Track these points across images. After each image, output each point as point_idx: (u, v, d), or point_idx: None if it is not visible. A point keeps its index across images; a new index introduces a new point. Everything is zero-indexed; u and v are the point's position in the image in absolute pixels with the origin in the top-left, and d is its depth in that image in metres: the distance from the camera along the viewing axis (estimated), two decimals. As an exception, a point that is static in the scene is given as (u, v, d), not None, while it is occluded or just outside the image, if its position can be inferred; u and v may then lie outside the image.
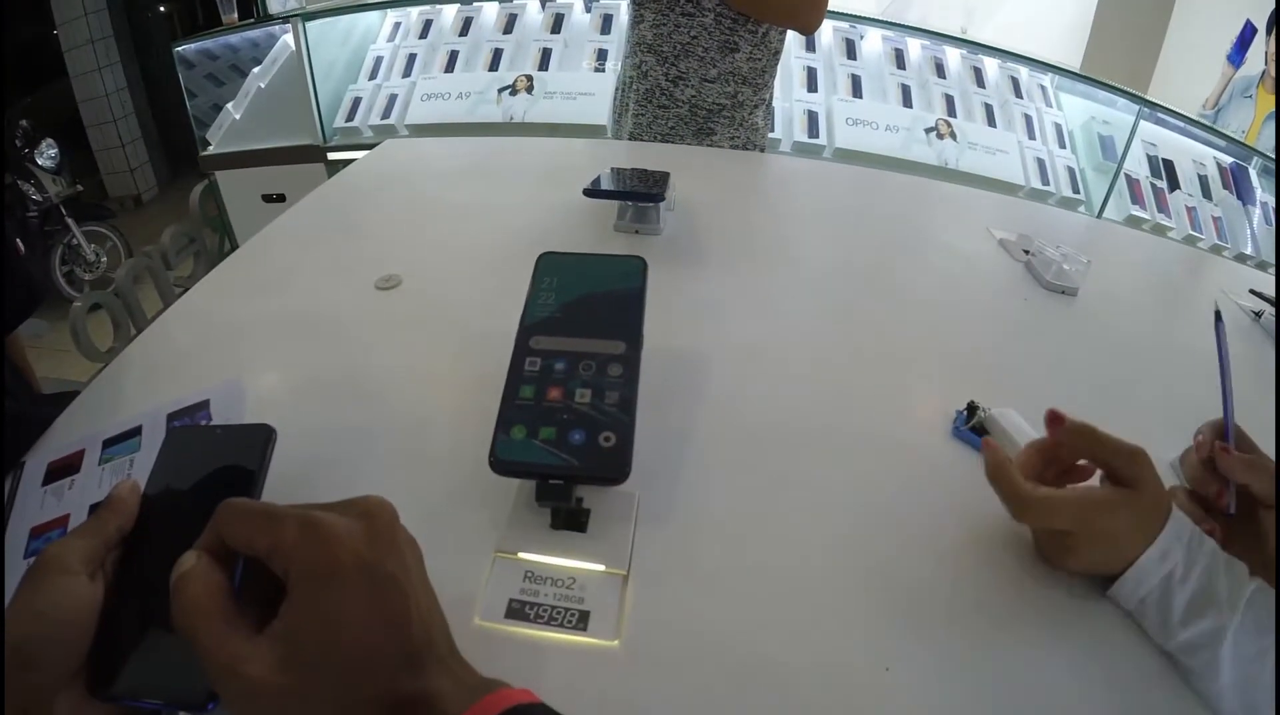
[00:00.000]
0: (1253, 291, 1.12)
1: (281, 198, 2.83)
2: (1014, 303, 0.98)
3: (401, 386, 0.74)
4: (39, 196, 4.19)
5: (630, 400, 0.53)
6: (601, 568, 0.52)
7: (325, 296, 0.93)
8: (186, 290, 3.12)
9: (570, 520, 0.54)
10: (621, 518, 0.55)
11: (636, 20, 1.62)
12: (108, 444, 0.73)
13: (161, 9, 6.40)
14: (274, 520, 0.36)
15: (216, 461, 0.45)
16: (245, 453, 0.46)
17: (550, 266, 0.66)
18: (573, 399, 0.54)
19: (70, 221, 4.21)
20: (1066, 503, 0.52)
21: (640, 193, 1.00)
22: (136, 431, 0.74)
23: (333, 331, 0.85)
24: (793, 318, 0.88)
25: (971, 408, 0.69)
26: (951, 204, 1.37)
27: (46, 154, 4.29)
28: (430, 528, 0.55)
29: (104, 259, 4.34)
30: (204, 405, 0.74)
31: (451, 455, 0.62)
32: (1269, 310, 1.06)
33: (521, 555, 0.53)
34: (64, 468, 0.72)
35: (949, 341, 0.87)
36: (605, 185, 1.02)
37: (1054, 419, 0.56)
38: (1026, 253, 1.07)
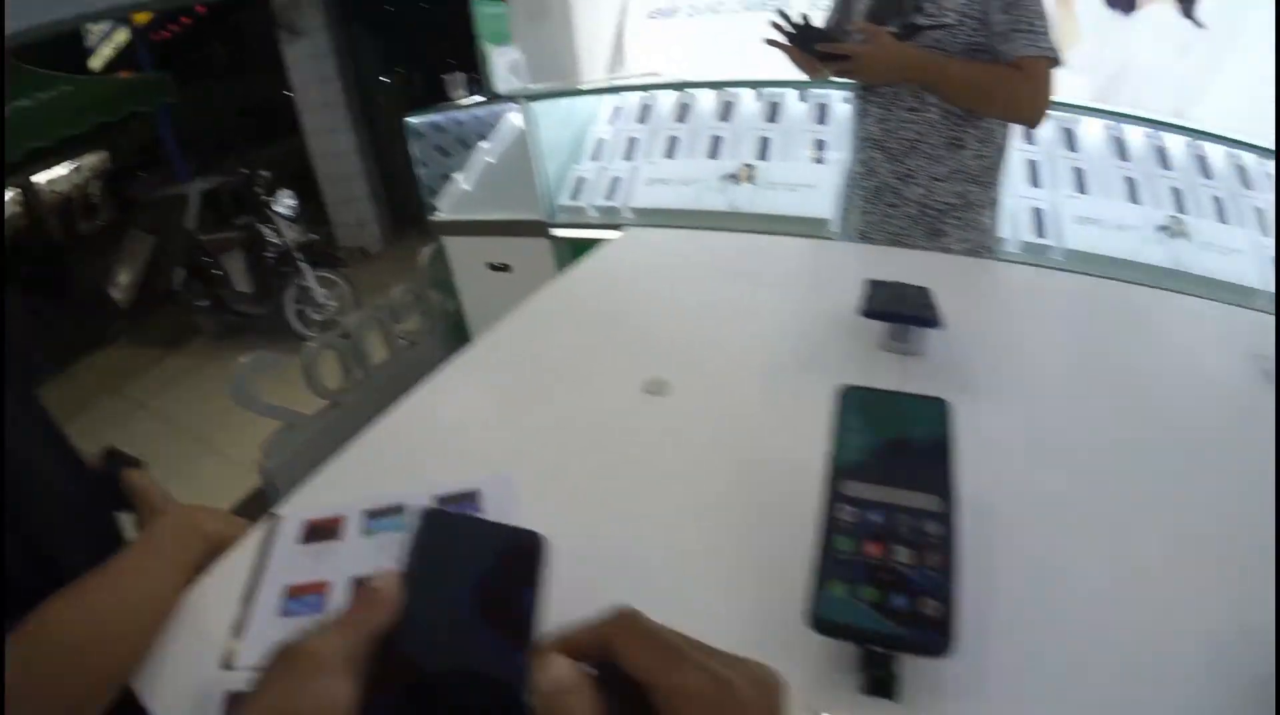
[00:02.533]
0: None
1: (506, 267, 3.03)
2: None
3: (678, 510, 0.72)
4: (277, 240, 4.71)
5: (950, 564, 0.50)
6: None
7: (594, 393, 0.94)
8: (413, 345, 3.35)
9: (880, 687, 0.52)
10: (931, 688, 0.52)
11: (861, 114, 1.65)
12: (371, 516, 0.75)
13: (386, 81, 7.09)
14: (680, 659, 0.35)
15: (481, 558, 0.42)
16: (513, 556, 0.43)
17: (854, 403, 0.62)
18: (893, 557, 0.51)
19: (304, 266, 4.69)
20: None
21: (918, 316, 0.99)
22: (399, 510, 0.75)
23: (603, 436, 0.85)
24: (1080, 457, 0.82)
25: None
26: (1239, 330, 1.20)
27: (284, 202, 4.81)
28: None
29: (333, 303, 4.79)
30: (474, 496, 0.74)
31: (738, 593, 0.61)
32: None
33: (827, 722, 0.51)
34: (324, 530, 0.74)
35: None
36: (874, 304, 1.01)
37: None
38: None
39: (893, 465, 0.57)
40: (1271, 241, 2.61)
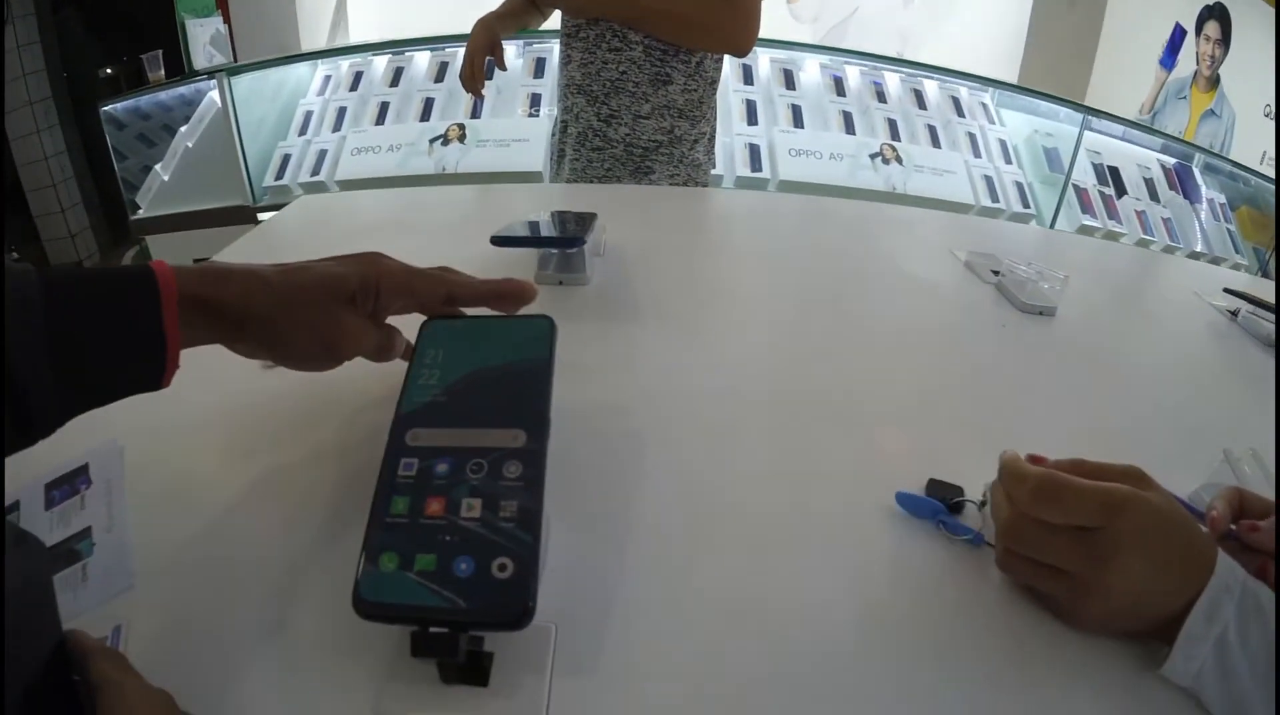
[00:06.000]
0: (1227, 290, 1.08)
1: (212, 262, 2.73)
2: (990, 328, 0.89)
3: (262, 492, 0.57)
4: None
5: (533, 511, 0.40)
6: (510, 732, 0.39)
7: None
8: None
9: (467, 672, 0.40)
10: (534, 664, 0.41)
11: (565, 61, 1.57)
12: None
13: (109, 71, 6.31)
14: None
15: None
16: None
17: (436, 336, 0.53)
18: (458, 513, 0.40)
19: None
20: (1092, 489, 0.43)
21: (557, 238, 0.88)
22: (15, 506, 0.66)
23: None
24: (745, 369, 0.76)
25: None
26: (907, 227, 1.31)
27: (-23, 224, 4.17)
28: (293, 683, 0.41)
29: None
30: (84, 470, 0.66)
31: (319, 587, 0.47)
32: (1245, 308, 1.02)
33: (407, 721, 0.39)
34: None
35: (924, 377, 0.77)
36: (518, 231, 0.88)
37: (1038, 464, 0.48)
38: (995, 273, 1.01)
39: (474, 402, 0.47)
40: (984, 161, 2.79)
